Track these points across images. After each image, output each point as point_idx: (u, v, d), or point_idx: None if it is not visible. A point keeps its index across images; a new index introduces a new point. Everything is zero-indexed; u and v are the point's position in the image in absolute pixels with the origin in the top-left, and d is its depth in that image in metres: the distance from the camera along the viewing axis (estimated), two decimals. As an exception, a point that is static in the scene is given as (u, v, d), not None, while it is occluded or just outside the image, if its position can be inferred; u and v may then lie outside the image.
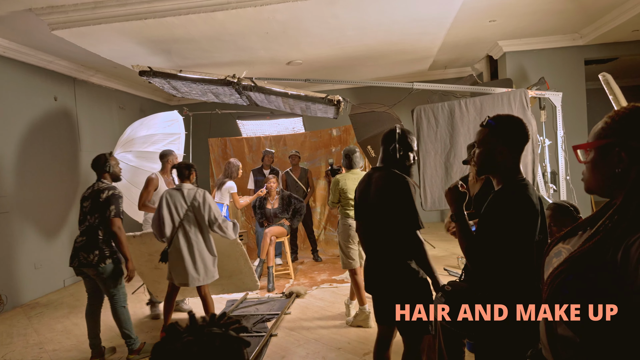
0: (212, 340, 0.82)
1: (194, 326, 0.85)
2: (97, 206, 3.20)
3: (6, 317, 4.58)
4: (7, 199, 4.93)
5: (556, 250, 1.09)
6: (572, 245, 1.05)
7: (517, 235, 1.50)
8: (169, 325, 0.86)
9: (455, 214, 1.69)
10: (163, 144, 4.86)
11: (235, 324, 0.89)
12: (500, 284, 1.54)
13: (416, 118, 4.93)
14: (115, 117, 7.12)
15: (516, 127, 1.58)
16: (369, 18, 4.61)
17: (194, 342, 0.81)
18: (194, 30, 4.61)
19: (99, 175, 3.35)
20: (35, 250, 5.26)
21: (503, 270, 1.53)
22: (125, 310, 3.28)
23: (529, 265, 1.51)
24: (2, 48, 4.87)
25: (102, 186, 3.26)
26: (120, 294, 3.27)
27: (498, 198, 1.57)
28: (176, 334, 0.84)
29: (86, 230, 3.23)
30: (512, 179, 1.58)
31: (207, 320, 0.88)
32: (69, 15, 4.10)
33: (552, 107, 5.12)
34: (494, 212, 1.55)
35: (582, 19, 5.48)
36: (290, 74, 6.94)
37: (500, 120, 1.60)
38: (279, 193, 5.51)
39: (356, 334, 3.55)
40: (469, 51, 6.79)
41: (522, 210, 1.50)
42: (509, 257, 1.51)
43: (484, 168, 1.63)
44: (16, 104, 5.14)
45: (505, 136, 1.57)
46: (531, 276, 1.50)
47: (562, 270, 0.95)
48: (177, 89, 5.01)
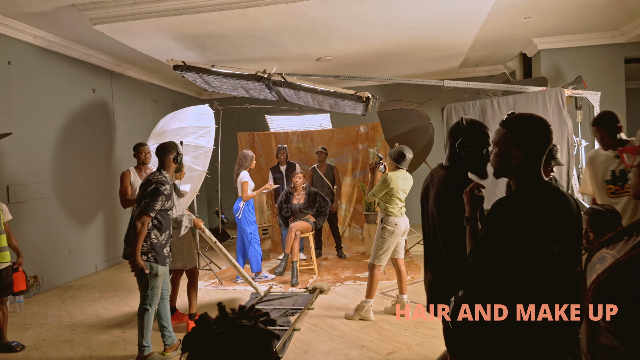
0: (243, 333, 0.84)
1: (225, 318, 0.87)
2: (142, 197, 3.00)
3: (42, 297, 4.81)
4: (46, 186, 5.16)
5: (600, 256, 1.04)
6: (617, 251, 0.99)
7: (519, 244, 1.38)
8: (200, 316, 0.88)
9: (468, 217, 1.60)
10: (194, 137, 4.97)
11: (264, 317, 0.90)
12: (505, 292, 1.43)
13: (446, 116, 4.87)
14: (149, 110, 7.33)
15: (533, 129, 1.44)
16: (399, 14, 4.57)
17: (226, 334, 0.83)
18: (227, 26, 4.69)
19: (161, 164, 3.12)
20: (70, 236, 5.50)
21: (504, 277, 1.43)
22: (148, 314, 3.02)
23: (534, 274, 1.39)
24: (47, 42, 5.10)
25: (152, 178, 3.05)
26: (149, 295, 3.03)
27: (504, 201, 1.45)
28: (207, 325, 0.86)
29: (130, 220, 3.15)
30: (528, 182, 1.45)
31: (237, 312, 0.89)
32: (110, 11, 4.25)
33: (590, 107, 4.95)
34: (495, 216, 1.44)
35: (622, 16, 5.26)
36: (320, 71, 6.96)
37: (517, 120, 1.47)
38: (305, 189, 5.54)
39: (379, 332, 3.55)
40: (502, 48, 6.63)
41: (525, 216, 1.38)
42: (508, 264, 1.41)
43: (498, 171, 1.53)
44: (57, 95, 5.38)
45: (520, 138, 1.44)
46: (540, 286, 1.39)
47: (607, 277, 0.92)
48: (209, 83, 5.11)
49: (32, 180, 4.95)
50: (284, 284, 4.95)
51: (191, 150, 4.91)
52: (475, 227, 1.57)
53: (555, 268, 1.39)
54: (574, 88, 5.16)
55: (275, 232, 7.08)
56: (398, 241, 3.89)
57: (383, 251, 3.80)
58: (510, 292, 1.43)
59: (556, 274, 1.39)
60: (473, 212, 1.60)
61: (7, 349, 3.41)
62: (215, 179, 7.18)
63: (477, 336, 1.53)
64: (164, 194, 2.97)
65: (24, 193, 4.81)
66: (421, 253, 6.22)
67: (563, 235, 1.40)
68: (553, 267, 1.39)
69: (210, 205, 9.14)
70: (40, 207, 5.06)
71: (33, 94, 5.00)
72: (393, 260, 3.99)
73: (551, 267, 1.39)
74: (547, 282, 1.40)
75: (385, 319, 3.82)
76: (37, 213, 4.99)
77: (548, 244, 1.38)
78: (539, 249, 1.38)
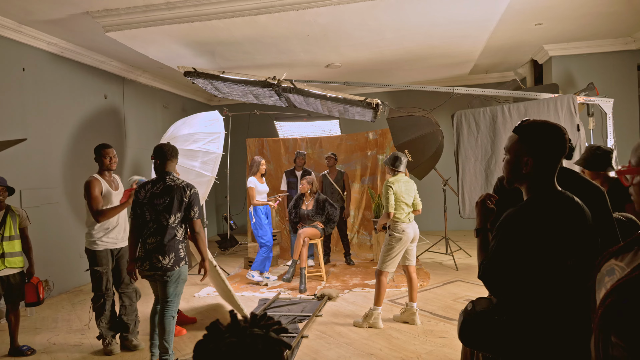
0: (255, 342, 0.82)
1: (236, 326, 0.85)
2: (181, 205, 2.90)
3: (53, 301, 4.85)
4: (58, 191, 5.22)
5: (608, 267, 1.02)
6: (626, 263, 0.97)
7: (531, 257, 1.34)
8: (211, 323, 0.87)
9: (478, 229, 1.57)
10: (203, 143, 5.01)
11: (276, 325, 0.88)
12: (516, 307, 1.40)
13: (456, 123, 4.85)
14: (159, 116, 7.40)
15: (545, 136, 1.40)
16: (409, 20, 4.57)
17: (238, 344, 0.81)
18: (237, 33, 4.73)
19: (167, 167, 2.98)
20: (81, 240, 5.47)
21: (514, 291, 1.39)
22: (174, 321, 2.99)
23: (547, 289, 1.35)
24: (60, 48, 5.18)
25: (181, 183, 2.94)
26: (176, 302, 3.00)
27: (515, 212, 1.40)
28: (218, 333, 0.84)
29: (158, 230, 2.89)
30: (540, 191, 1.41)
31: (249, 320, 0.88)
32: (122, 18, 4.31)
33: (602, 114, 4.90)
34: (505, 228, 1.40)
35: (635, 22, 5.22)
36: (329, 77, 6.98)
37: (530, 126, 1.44)
38: (315, 195, 5.54)
39: (388, 340, 3.51)
40: (513, 55, 6.59)
41: (537, 227, 1.34)
42: (519, 278, 1.37)
43: (510, 179, 1.49)
44: (70, 101, 5.45)
45: (532, 145, 1.41)
46: (553, 301, 1.35)
47: (615, 299, 0.90)
48: (219, 90, 5.15)
49: (44, 185, 5.01)
50: (292, 291, 4.93)
51: (200, 156, 4.95)
52: (486, 239, 1.53)
53: (569, 282, 1.34)
54: (586, 95, 5.11)
55: (284, 238, 7.07)
56: (408, 248, 3.86)
57: (390, 258, 3.77)
58: (522, 306, 1.40)
59: (570, 288, 1.34)
60: (483, 224, 1.57)
61: (17, 352, 3.43)
62: (224, 185, 7.21)
63: (489, 350, 1.50)
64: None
65: (36, 198, 4.87)
66: (431, 260, 6.17)
67: (578, 247, 1.35)
68: (567, 282, 1.34)
69: (219, 211, 9.17)
70: (52, 212, 5.11)
71: (46, 100, 5.08)
72: (404, 268, 3.96)
73: (565, 282, 1.34)
74: (560, 297, 1.35)
75: (394, 326, 3.78)
76: (48, 218, 5.03)
77: (562, 257, 1.33)
78: (552, 262, 1.34)
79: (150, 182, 2.99)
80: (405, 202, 3.80)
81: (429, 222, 7.97)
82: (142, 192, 2.97)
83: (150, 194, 2.94)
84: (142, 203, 2.95)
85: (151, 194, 2.93)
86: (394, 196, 3.76)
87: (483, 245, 1.53)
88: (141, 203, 2.95)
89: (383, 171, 6.91)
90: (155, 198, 2.91)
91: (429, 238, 7.40)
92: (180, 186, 2.93)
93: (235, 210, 8.39)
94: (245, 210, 6.68)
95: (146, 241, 2.93)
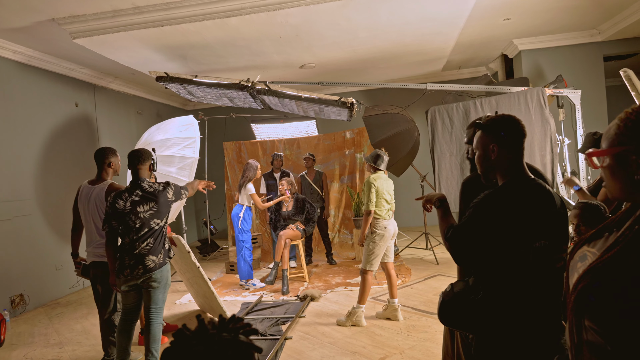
0: (224, 350, 0.79)
1: (203, 332, 0.82)
2: (169, 205, 2.95)
3: (28, 316, 4.71)
4: (29, 202, 5.07)
5: (581, 254, 1.04)
6: (597, 249, 1.00)
7: (500, 236, 1.45)
8: (177, 330, 0.83)
9: (442, 199, 1.79)
10: (179, 148, 4.94)
11: (245, 327, 0.85)
12: (488, 286, 1.52)
13: (430, 119, 4.90)
14: (133, 122, 7.26)
15: (504, 124, 1.55)
16: (381, 19, 4.61)
17: (205, 353, 0.78)
18: (209, 36, 4.68)
19: (139, 172, 2.92)
20: (56, 252, 5.40)
21: (476, 259, 1.53)
22: (161, 328, 2.93)
23: (515, 268, 1.45)
24: (27, 57, 5.03)
25: (158, 186, 2.92)
26: (163, 308, 2.94)
27: (490, 195, 1.52)
28: (184, 339, 0.81)
29: (149, 233, 2.85)
30: (512, 178, 1.53)
31: (217, 324, 0.84)
32: (89, 24, 4.22)
33: (571, 105, 5.03)
34: (481, 206, 1.52)
35: (600, 15, 5.38)
36: (304, 77, 6.98)
37: (490, 120, 1.60)
38: (294, 196, 5.53)
39: (371, 338, 3.54)
40: (483, 50, 6.72)
41: (508, 210, 1.45)
42: (483, 250, 1.49)
43: (484, 171, 1.61)
44: (39, 110, 5.30)
45: (494, 134, 1.55)
46: (522, 281, 1.45)
47: (587, 283, 0.92)
48: (193, 94, 5.09)
49: (15, 197, 4.86)
50: (274, 293, 4.91)
51: (177, 162, 4.88)
52: (448, 210, 1.74)
53: (536, 263, 1.44)
54: (555, 87, 5.24)
55: (265, 241, 7.03)
56: (387, 245, 3.89)
57: (375, 256, 3.80)
58: (493, 285, 1.51)
59: (537, 269, 1.44)
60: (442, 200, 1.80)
61: (-9, 371, 3.33)
62: (203, 190, 7.12)
63: (465, 329, 1.60)
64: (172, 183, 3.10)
65: (7, 210, 4.72)
66: (411, 256, 6.23)
67: (545, 231, 1.45)
68: (534, 262, 1.44)
69: (198, 216, 9.07)
70: (24, 225, 4.96)
71: (14, 110, 4.93)
72: (383, 265, 3.99)
73: (532, 262, 1.44)
74: (529, 277, 1.45)
75: (377, 324, 3.81)
76: (21, 230, 4.89)
77: (530, 239, 1.44)
78: (520, 243, 1.44)
79: (127, 191, 2.87)
80: (385, 198, 3.85)
81: (409, 218, 8.05)
82: (121, 202, 2.83)
83: (130, 203, 2.82)
84: (122, 213, 2.82)
85: (132, 203, 2.82)
86: (375, 194, 3.80)
87: (445, 214, 1.72)
88: (121, 213, 2.82)
89: (362, 170, 6.95)
90: (137, 206, 2.82)
91: (409, 234, 7.47)
92: (160, 189, 2.89)
93: (215, 215, 8.31)
94: (225, 215, 6.61)
95: (134, 247, 2.82)
